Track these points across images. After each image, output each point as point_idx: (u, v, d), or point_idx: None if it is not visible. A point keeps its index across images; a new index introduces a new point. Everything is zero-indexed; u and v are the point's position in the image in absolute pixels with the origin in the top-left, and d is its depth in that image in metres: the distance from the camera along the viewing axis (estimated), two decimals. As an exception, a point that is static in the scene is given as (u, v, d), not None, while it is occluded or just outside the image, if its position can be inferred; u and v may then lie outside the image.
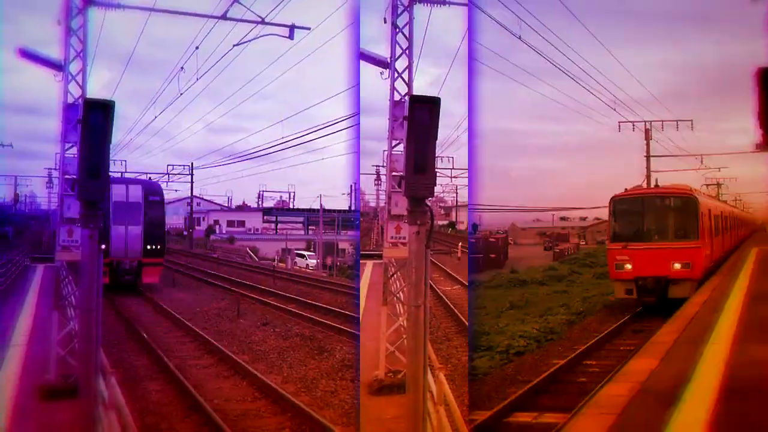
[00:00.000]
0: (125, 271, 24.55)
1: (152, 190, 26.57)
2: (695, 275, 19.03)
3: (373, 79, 10.67)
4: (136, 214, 24.86)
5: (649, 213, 20.03)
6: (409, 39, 10.61)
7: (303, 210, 71.35)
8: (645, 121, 32.94)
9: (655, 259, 19.00)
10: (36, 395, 9.56)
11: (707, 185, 42.87)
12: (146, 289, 24.83)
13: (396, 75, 10.60)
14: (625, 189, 21.28)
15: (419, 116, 5.72)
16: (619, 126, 32.46)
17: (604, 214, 24.55)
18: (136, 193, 25.24)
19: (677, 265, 18.84)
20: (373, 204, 67.08)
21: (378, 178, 50.47)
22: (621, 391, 7.40)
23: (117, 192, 24.41)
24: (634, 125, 32.76)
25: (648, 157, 33.32)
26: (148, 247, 24.98)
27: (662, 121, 32.93)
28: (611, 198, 20.48)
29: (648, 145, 33.29)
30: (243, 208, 79.57)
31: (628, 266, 19.12)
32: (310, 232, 65.14)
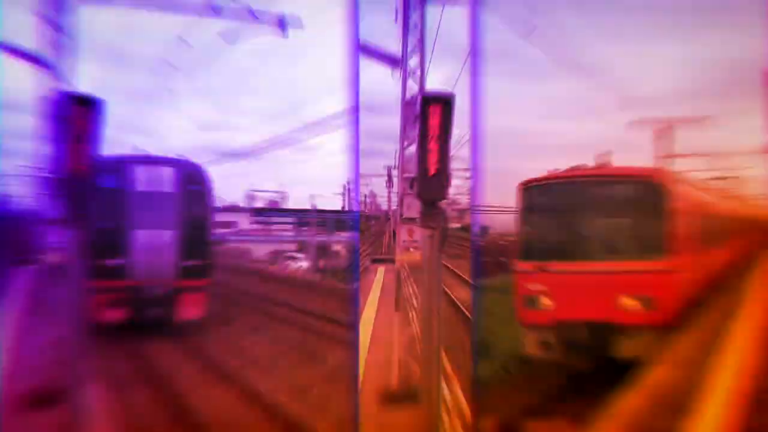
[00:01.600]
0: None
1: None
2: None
3: (384, 78, 10.50)
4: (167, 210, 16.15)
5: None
6: (421, 38, 10.42)
7: (295, 210, 68.55)
8: (659, 120, 32.08)
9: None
10: (21, 403, 9.34)
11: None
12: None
13: (407, 74, 10.42)
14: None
15: (431, 115, 5.53)
16: (631, 125, 31.83)
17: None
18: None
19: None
20: (384, 207, 66.21)
21: (389, 180, 48.63)
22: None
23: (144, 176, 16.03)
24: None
25: (660, 157, 32.19)
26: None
27: (676, 119, 32.16)
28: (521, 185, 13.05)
29: (659, 144, 32.45)
30: (228, 209, 77.84)
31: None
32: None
